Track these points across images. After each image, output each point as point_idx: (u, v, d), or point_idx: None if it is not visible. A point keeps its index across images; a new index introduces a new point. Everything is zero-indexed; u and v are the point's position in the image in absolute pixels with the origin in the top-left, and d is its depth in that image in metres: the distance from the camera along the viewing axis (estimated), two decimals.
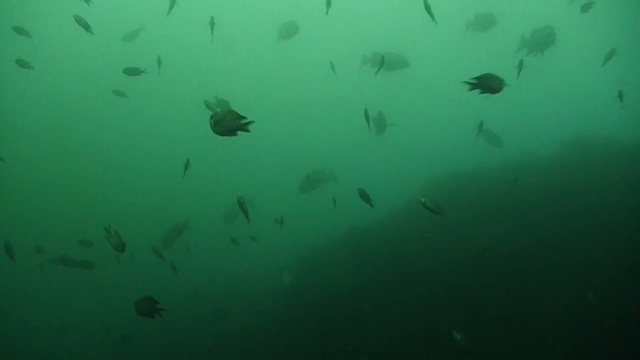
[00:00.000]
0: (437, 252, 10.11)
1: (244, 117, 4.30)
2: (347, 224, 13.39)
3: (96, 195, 22.41)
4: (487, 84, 4.48)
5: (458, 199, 11.47)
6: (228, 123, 4.31)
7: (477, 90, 4.50)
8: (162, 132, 25.87)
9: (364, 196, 6.71)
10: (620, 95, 9.13)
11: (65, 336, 14.16)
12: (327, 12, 9.55)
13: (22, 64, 10.08)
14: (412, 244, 10.93)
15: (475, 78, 4.48)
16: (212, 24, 9.72)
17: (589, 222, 8.78)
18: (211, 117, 4.26)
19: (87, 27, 8.10)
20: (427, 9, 7.25)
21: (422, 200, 5.14)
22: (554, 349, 7.00)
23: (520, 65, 8.41)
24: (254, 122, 4.31)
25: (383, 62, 8.98)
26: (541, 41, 10.88)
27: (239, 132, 4.37)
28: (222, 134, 4.32)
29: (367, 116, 7.96)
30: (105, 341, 13.41)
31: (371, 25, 25.17)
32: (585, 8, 9.89)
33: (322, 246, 13.50)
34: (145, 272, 14.47)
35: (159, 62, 10.33)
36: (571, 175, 10.51)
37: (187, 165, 8.24)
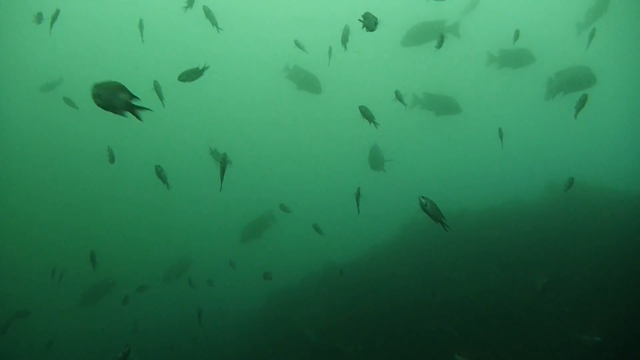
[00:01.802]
0: (416, 292, 9.70)
1: (134, 97, 3.40)
2: (323, 261, 12.81)
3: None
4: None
5: (439, 241, 11.01)
6: (109, 97, 3.35)
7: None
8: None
9: (357, 196, 6.57)
10: None
11: None
12: (328, 64, 8.90)
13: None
14: (391, 282, 10.49)
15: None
16: (141, 26, 9.09)
17: (577, 269, 8.54)
18: (95, 85, 3.36)
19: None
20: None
21: (423, 202, 4.36)
22: None
23: (583, 100, 7.33)
24: (149, 109, 3.42)
25: (401, 98, 7.80)
26: (579, 82, 9.76)
27: (129, 115, 3.44)
28: (104, 108, 3.40)
29: (366, 114, 6.89)
30: None
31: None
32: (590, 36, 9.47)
33: (295, 283, 12.84)
34: None
35: (141, 26, 9.20)
36: (559, 221, 10.25)
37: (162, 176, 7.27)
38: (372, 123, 6.75)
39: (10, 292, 13.76)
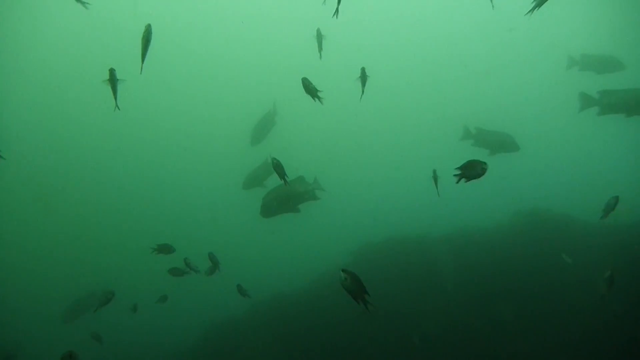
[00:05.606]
0: (369, 325, 9.03)
1: None
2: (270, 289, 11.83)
3: None
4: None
5: (396, 267, 10.50)
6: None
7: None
8: None
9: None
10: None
11: None
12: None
13: None
14: (342, 312, 9.36)
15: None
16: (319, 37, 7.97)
17: (546, 299, 8.33)
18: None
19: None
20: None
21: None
22: None
23: None
24: None
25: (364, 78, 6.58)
26: None
27: None
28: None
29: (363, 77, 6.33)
30: None
31: None
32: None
33: (239, 314, 11.75)
34: None
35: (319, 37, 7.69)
36: (526, 250, 9.74)
37: None
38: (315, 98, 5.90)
39: None
